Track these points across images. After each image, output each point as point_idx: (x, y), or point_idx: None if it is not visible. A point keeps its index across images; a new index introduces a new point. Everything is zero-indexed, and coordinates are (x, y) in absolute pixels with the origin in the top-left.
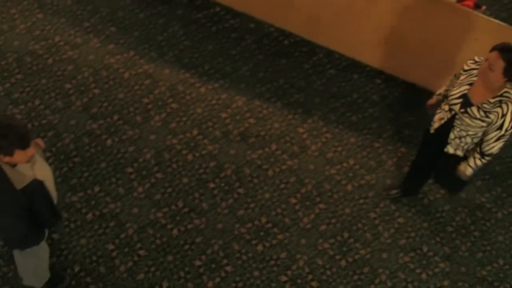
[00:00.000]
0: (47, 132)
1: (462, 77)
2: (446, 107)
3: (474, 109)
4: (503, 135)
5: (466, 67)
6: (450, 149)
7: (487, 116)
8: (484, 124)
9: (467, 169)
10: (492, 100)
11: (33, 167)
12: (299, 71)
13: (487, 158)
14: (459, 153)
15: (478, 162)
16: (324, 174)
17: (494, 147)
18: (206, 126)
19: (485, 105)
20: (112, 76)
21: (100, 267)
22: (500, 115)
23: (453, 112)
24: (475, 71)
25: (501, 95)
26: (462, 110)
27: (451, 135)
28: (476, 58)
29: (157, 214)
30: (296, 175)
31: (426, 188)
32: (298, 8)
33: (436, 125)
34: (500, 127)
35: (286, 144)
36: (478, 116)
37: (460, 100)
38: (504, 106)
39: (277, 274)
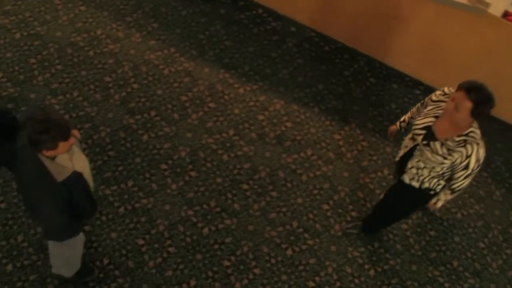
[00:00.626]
0: (84, 124)
1: (429, 108)
2: (410, 135)
3: (437, 144)
4: (470, 174)
5: (434, 98)
6: (406, 178)
7: (449, 154)
8: (446, 162)
9: (438, 203)
10: (457, 139)
11: (71, 158)
12: (338, 78)
13: (457, 193)
14: (415, 183)
15: (449, 197)
16: (358, 182)
17: (463, 184)
18: (243, 127)
19: (449, 142)
20: (152, 72)
21: (129, 261)
22: (464, 156)
23: (415, 142)
24: (443, 104)
25: (466, 135)
26: (425, 142)
27: (409, 164)
28: (446, 90)
29: (188, 212)
30: (330, 181)
31: (460, 202)
32: (340, 14)
33: (401, 152)
34: (466, 167)
35: (321, 150)
36: (440, 152)
37: (423, 132)
38: (468, 146)
39: (305, 279)
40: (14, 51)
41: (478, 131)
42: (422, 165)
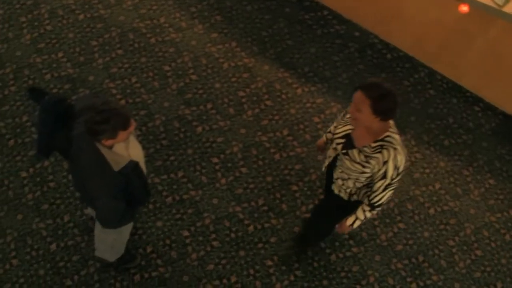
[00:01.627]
0: (140, 110)
1: (349, 115)
2: (334, 145)
3: (355, 151)
4: (389, 184)
5: None
6: (335, 189)
7: (367, 162)
8: (366, 170)
9: (355, 223)
10: (373, 145)
11: (127, 147)
12: (398, 87)
13: (377, 209)
14: (343, 195)
15: (368, 214)
16: (408, 194)
17: (383, 197)
18: (298, 128)
19: (366, 149)
20: (211, 65)
21: (172, 251)
22: (381, 162)
23: (336, 151)
24: None
25: (382, 139)
26: (344, 151)
27: (334, 175)
28: None
29: (236, 208)
30: None
31: (509, 224)
32: (406, 23)
33: (325, 163)
34: (384, 176)
35: None
36: (358, 159)
37: (343, 140)
38: (385, 152)
39: (346, 286)
40: (76, 32)
41: (396, 136)
42: (345, 176)
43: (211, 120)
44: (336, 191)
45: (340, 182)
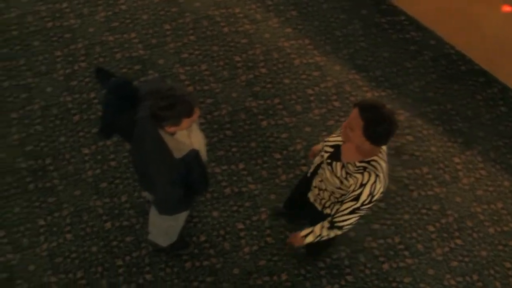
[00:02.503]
0: (207, 98)
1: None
2: (322, 151)
3: (339, 165)
4: (358, 208)
5: None
6: (310, 197)
7: (346, 179)
8: (342, 187)
9: (308, 236)
10: (358, 164)
11: (190, 135)
12: (469, 100)
13: (336, 231)
14: (317, 205)
15: (325, 233)
16: (469, 210)
17: (347, 220)
18: None
19: (349, 166)
20: (283, 60)
21: (225, 243)
22: (359, 183)
23: (322, 159)
24: None
25: (368, 162)
26: (329, 160)
27: (313, 183)
28: None
29: None
30: (441, 204)
31: None
32: (484, 37)
33: (311, 169)
34: (357, 198)
35: (438, 170)
36: (339, 174)
37: (331, 150)
38: (366, 174)
39: None
40: (150, 13)
41: (383, 164)
42: (323, 186)
43: (277, 115)
44: (311, 199)
45: (316, 191)
